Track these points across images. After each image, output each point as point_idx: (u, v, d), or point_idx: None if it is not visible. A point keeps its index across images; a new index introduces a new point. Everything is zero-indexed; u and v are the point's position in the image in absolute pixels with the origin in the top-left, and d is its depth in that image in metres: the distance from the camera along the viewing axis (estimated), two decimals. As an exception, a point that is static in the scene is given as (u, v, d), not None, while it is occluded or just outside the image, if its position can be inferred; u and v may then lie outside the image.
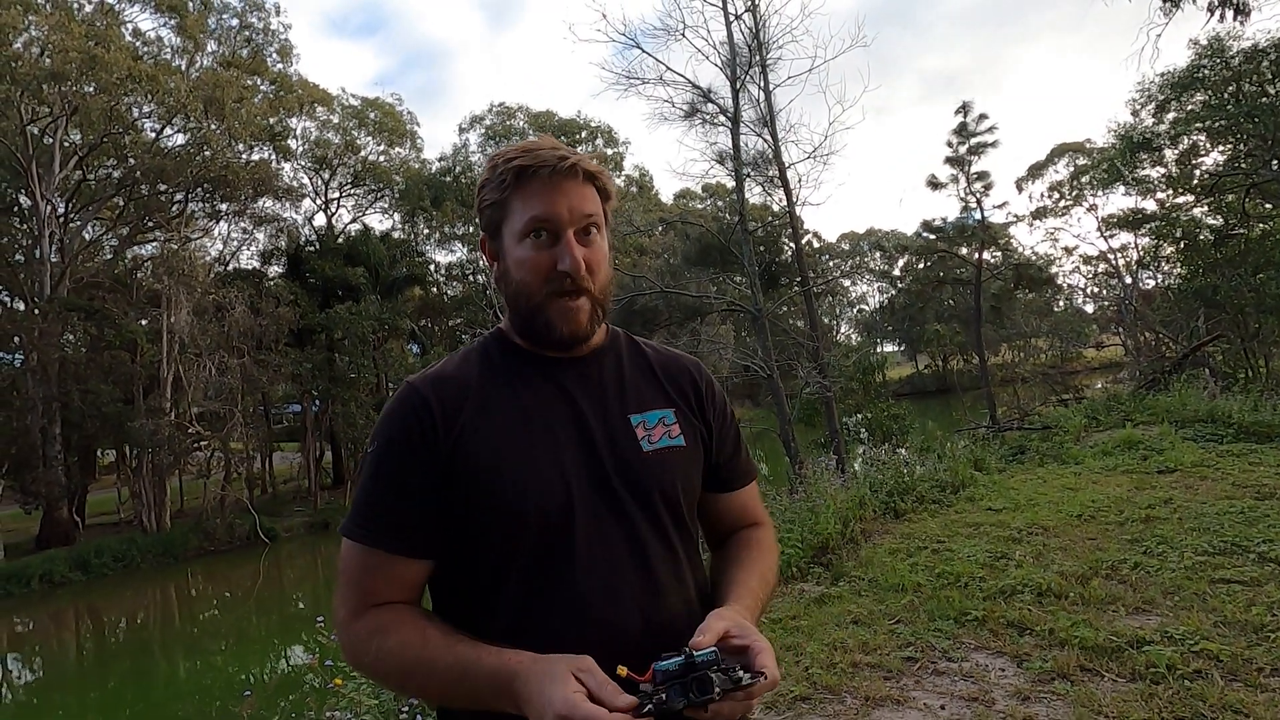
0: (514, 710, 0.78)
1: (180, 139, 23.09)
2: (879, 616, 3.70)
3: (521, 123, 37.08)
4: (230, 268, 26.61)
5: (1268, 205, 15.87)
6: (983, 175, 19.49)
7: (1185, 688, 2.61)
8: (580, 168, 0.92)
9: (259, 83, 26.05)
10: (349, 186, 31.39)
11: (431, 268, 32.52)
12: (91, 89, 20.04)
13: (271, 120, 25.84)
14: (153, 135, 22.83)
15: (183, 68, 23.67)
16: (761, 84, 13.52)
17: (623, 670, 0.75)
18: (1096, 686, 2.72)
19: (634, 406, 0.99)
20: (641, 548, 0.92)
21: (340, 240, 28.35)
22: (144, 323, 21.02)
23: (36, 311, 19.17)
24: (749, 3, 13.09)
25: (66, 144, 21.06)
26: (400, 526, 0.88)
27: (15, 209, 21.78)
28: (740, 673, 0.76)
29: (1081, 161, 31.46)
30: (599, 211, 0.94)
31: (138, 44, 23.17)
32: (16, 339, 19.53)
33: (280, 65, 26.91)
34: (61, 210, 21.39)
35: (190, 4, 23.81)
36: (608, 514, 0.91)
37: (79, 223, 22.53)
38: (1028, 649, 3.10)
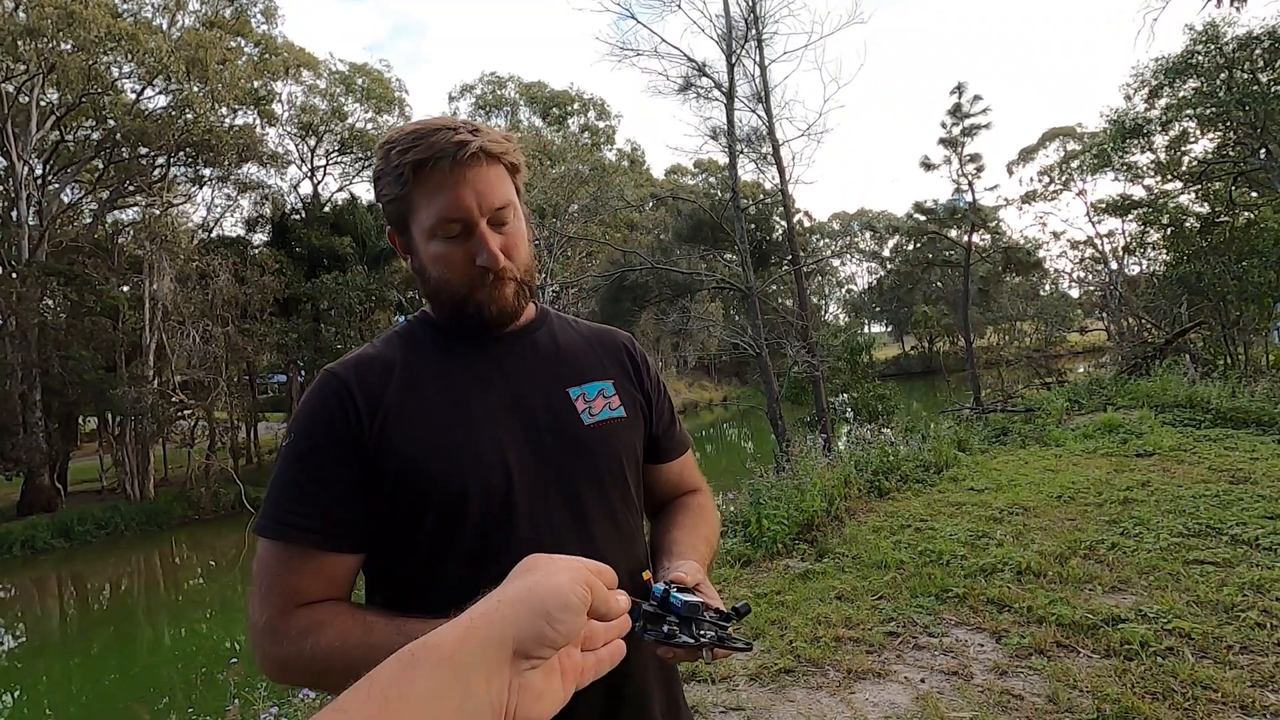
0: None
1: (161, 101, 22.47)
2: (862, 592, 3.76)
3: (512, 93, 36.50)
4: (214, 235, 26.12)
5: (1254, 194, 15.97)
6: (975, 157, 19.41)
7: (1157, 664, 2.68)
8: (483, 151, 0.85)
9: (243, 44, 25.37)
10: (336, 154, 30.80)
11: (419, 239, 32.14)
12: (69, 47, 19.42)
13: (256, 84, 25.19)
14: (133, 96, 22.21)
15: (164, 27, 22.96)
16: (757, 59, 13.36)
17: (646, 575, 0.76)
18: (1072, 662, 2.79)
19: (572, 379, 0.97)
20: (586, 522, 0.90)
21: (327, 209, 27.90)
22: (126, 289, 20.66)
23: (14, 275, 18.77)
24: (746, -26, 12.89)
25: (44, 103, 20.46)
26: (324, 520, 0.83)
27: (-9, 169, 21.22)
28: (714, 630, 0.74)
29: (1072, 146, 31.53)
30: (511, 195, 0.89)
31: (117, 0, 22.45)
32: (-6, 303, 19.15)
33: (265, 26, 26.19)
34: (39, 172, 20.86)
35: (171, -40, 23.04)
36: (550, 490, 0.89)
37: (57, 185, 21.99)
38: (1006, 625, 3.17)
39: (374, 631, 0.78)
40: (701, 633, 0.72)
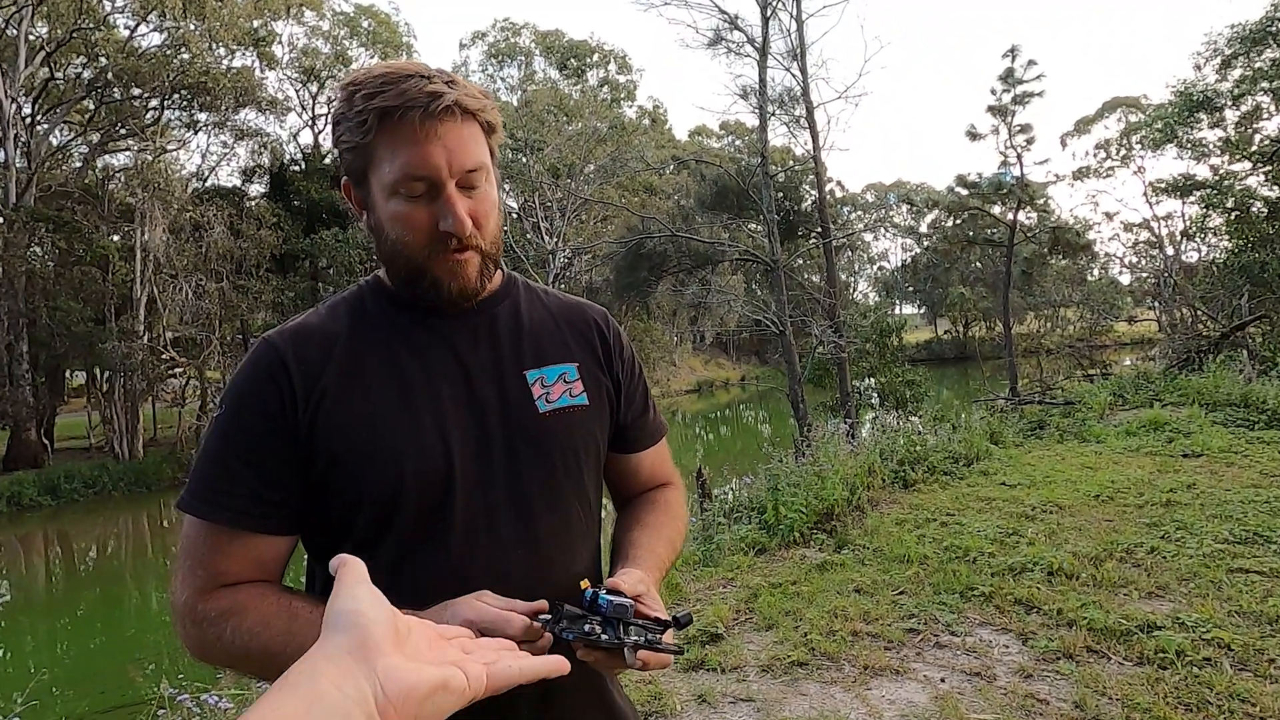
0: None
1: (156, 39, 22.48)
2: (882, 586, 3.80)
3: (528, 41, 36.11)
4: (208, 184, 26.30)
5: (1330, 178, 15.59)
6: (1026, 128, 19.04)
7: (1193, 674, 2.70)
8: (458, 106, 0.81)
9: (243, -20, 25.22)
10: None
11: (425, 196, 32.15)
12: (60, -23, 19.41)
13: (255, 23, 25.10)
14: (126, 33, 22.21)
15: (159, -42, 22.86)
16: (793, 12, 13.12)
17: (584, 583, 0.77)
18: (1102, 668, 2.81)
19: (531, 361, 0.94)
20: (530, 519, 0.88)
21: (328, 160, 27.91)
22: (116, 239, 20.85)
23: (1, 220, 19.00)
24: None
25: (32, 37, 20.49)
26: (251, 500, 0.82)
27: (-23, 106, 21.36)
28: (647, 634, 0.75)
29: (1134, 118, 30.82)
30: (484, 158, 0.85)
31: (110, -72, 22.32)
32: (-20, 248, 19.41)
33: (266, -39, 25.98)
34: (27, 111, 20.96)
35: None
36: (494, 484, 0.87)
37: (46, 126, 22.12)
38: (1034, 627, 3.20)
39: (298, 618, 0.77)
40: (627, 635, 0.72)
